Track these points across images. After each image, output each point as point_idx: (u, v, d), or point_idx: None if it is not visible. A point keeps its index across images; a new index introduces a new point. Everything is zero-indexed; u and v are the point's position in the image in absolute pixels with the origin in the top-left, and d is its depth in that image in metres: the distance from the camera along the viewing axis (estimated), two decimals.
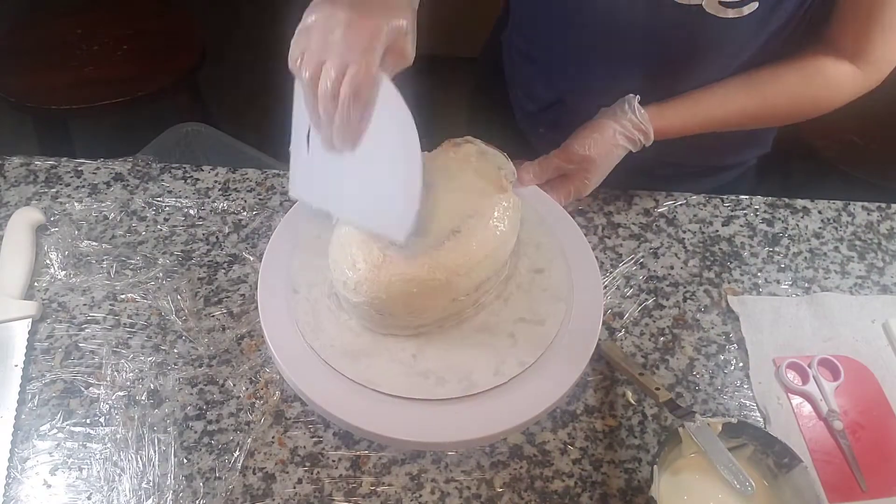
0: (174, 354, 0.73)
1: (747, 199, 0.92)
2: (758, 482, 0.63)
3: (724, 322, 0.80)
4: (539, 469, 0.68)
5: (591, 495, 0.67)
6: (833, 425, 0.72)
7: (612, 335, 0.78)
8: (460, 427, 0.64)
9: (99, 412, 0.69)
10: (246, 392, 0.71)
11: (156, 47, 1.56)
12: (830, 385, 0.74)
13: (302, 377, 0.65)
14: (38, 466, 0.66)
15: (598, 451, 0.69)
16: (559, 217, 0.79)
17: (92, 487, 0.65)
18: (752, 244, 0.88)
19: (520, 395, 0.66)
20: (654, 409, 0.73)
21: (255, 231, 0.84)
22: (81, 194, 0.86)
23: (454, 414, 0.65)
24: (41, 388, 0.70)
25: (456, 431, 0.64)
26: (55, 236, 0.81)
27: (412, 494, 0.66)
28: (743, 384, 0.75)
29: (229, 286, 0.79)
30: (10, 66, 1.49)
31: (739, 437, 0.64)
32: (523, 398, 0.66)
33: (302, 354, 0.67)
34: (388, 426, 0.63)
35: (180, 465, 0.66)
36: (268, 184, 0.89)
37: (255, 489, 0.65)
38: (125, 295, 0.77)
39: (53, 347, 0.73)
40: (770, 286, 0.84)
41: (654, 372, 0.75)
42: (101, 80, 1.48)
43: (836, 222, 0.91)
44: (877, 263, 0.87)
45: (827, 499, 0.64)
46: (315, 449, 0.68)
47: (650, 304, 0.81)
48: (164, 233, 0.83)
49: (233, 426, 0.69)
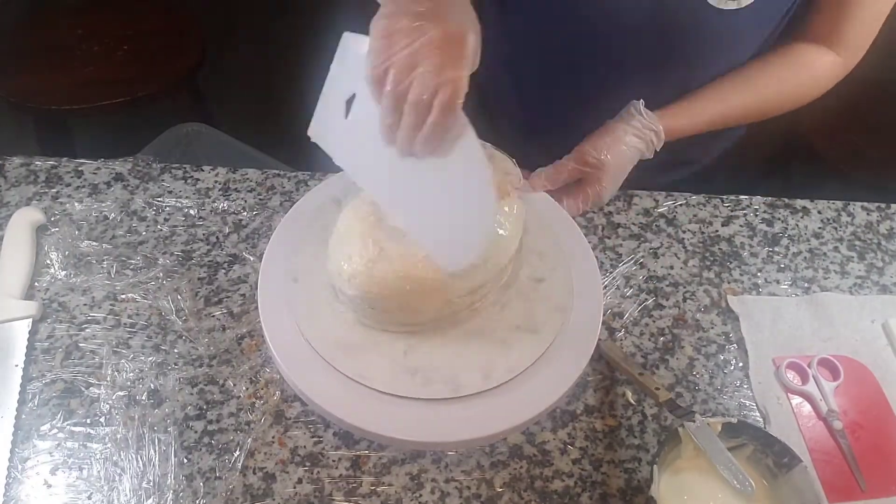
0: (174, 354, 0.73)
1: (747, 200, 0.92)
2: (757, 482, 0.63)
3: (723, 322, 0.80)
4: (539, 469, 0.68)
5: (591, 495, 0.67)
6: (833, 425, 0.72)
7: (611, 335, 0.78)
8: (459, 426, 0.64)
9: (99, 412, 0.69)
10: (246, 392, 0.71)
11: (156, 48, 1.56)
12: (830, 385, 0.74)
13: (295, 369, 0.66)
14: (38, 466, 0.66)
15: (597, 451, 0.70)
16: (563, 221, 0.79)
17: (92, 487, 0.65)
18: (752, 244, 0.88)
19: (519, 395, 0.66)
20: (654, 409, 0.73)
21: (256, 231, 0.84)
22: (82, 194, 0.86)
23: (453, 413, 0.65)
24: (41, 388, 0.70)
25: (454, 431, 0.64)
26: (55, 236, 0.81)
27: (412, 494, 0.66)
28: (742, 384, 0.75)
29: (229, 286, 0.79)
30: (10, 67, 1.49)
31: (739, 436, 0.64)
32: (523, 398, 0.66)
33: (296, 345, 0.67)
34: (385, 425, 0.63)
35: (180, 465, 0.66)
36: (268, 184, 0.89)
37: (255, 489, 0.65)
38: (125, 295, 0.77)
39: (54, 347, 0.73)
40: (770, 286, 0.84)
41: (654, 372, 0.75)
42: (101, 81, 1.48)
43: (835, 222, 0.91)
44: (876, 263, 0.87)
45: (827, 498, 0.64)
46: (315, 449, 0.68)
47: (650, 304, 0.81)
48: (165, 233, 0.83)
49: (233, 426, 0.69)
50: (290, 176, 0.90)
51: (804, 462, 0.62)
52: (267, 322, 0.68)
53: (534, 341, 0.69)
